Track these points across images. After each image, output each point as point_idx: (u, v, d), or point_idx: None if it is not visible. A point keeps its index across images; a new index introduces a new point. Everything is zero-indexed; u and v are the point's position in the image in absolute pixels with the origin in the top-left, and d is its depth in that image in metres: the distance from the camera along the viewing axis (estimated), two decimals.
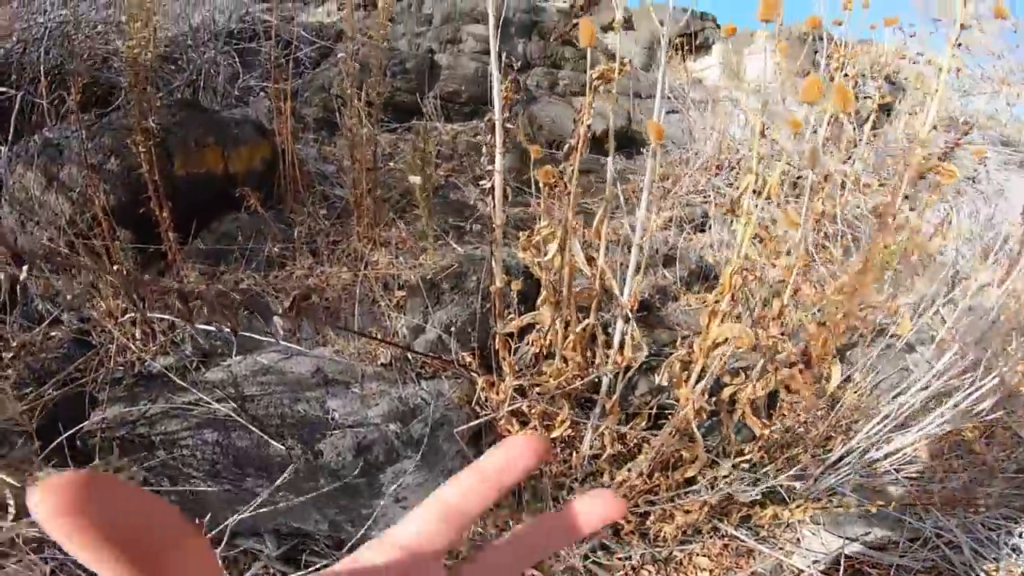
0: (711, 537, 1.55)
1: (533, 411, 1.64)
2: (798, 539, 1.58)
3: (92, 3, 3.06)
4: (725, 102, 2.87)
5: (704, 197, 2.17)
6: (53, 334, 1.73)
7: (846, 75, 2.96)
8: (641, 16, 4.07)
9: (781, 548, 1.55)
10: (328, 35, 4.16)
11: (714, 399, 1.51)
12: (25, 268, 1.28)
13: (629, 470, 1.62)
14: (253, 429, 1.39)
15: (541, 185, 1.34)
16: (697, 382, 1.47)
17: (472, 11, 3.87)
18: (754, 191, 1.26)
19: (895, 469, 1.59)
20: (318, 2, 5.91)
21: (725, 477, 1.58)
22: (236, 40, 3.52)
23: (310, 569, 1.31)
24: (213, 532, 1.18)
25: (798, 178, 2.25)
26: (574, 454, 1.67)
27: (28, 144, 2.18)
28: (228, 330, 1.34)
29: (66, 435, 1.28)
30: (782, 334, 1.49)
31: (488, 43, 1.26)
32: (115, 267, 1.84)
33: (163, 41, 2.91)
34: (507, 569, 0.30)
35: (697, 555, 1.55)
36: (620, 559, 1.49)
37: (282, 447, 1.38)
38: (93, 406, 1.44)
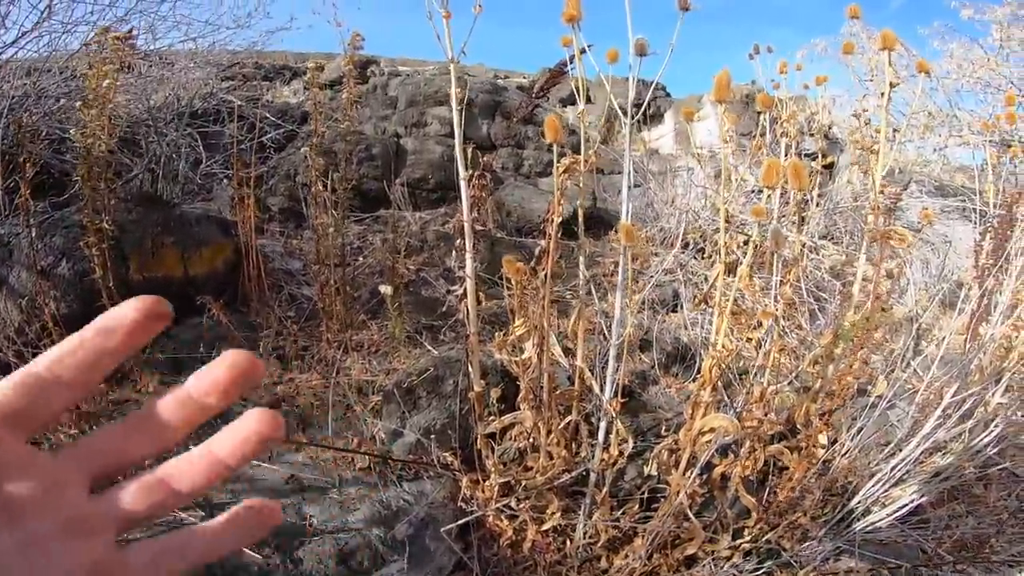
0: None
1: (521, 505, 1.58)
2: None
3: (54, 76, 3.01)
4: (681, 172, 3.00)
5: (673, 276, 2.21)
6: None
7: (786, 133, 3.15)
8: (596, 88, 4.29)
9: None
10: (294, 116, 4.21)
11: (705, 476, 1.49)
12: None
13: (627, 555, 1.56)
14: None
15: (512, 281, 1.33)
16: (687, 469, 1.44)
17: (436, 93, 4.01)
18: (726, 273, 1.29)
19: (900, 521, 1.58)
20: (284, 81, 6.05)
21: (728, 558, 1.54)
22: (199, 121, 3.50)
23: None
24: None
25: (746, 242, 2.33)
26: (568, 542, 1.60)
27: None
28: None
29: None
30: (765, 414, 1.49)
31: (454, 125, 1.29)
32: None
33: (122, 123, 2.84)
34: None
35: None
36: None
37: (258, 555, 1.31)
38: None
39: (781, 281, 1.33)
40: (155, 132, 3.09)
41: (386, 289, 1.54)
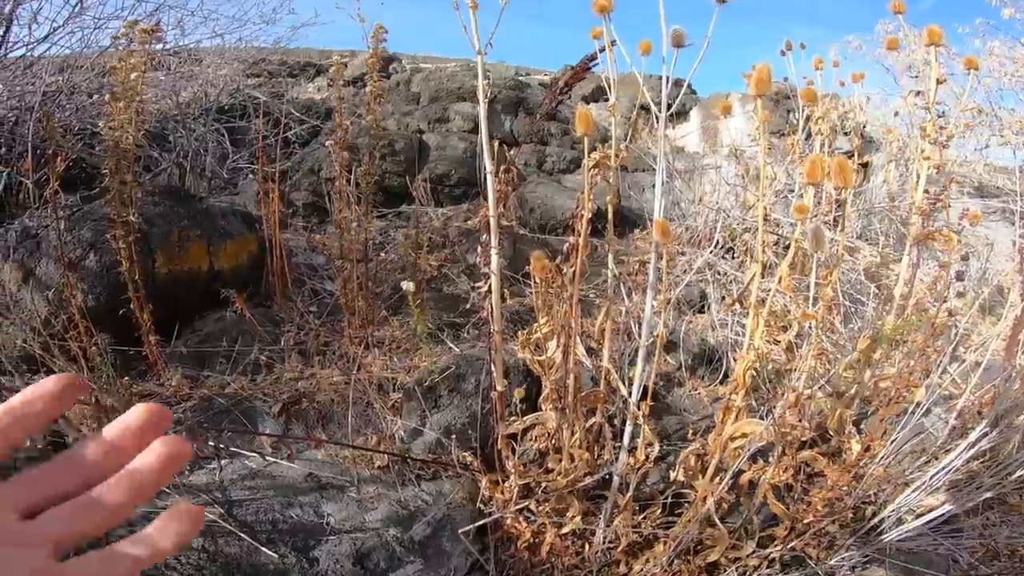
0: None
1: (541, 508, 1.55)
2: None
3: (87, 72, 3.07)
4: (708, 170, 2.92)
5: (700, 276, 2.15)
6: None
7: (820, 131, 3.05)
8: (620, 85, 4.22)
9: None
10: (318, 112, 4.24)
11: (733, 482, 1.43)
12: None
13: (647, 560, 1.52)
14: (242, 535, 1.30)
15: (537, 279, 1.30)
16: (715, 475, 1.39)
17: (459, 89, 3.99)
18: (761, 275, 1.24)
19: (931, 530, 1.52)
20: (309, 77, 6.10)
21: (756, 567, 1.48)
22: (226, 117, 3.54)
23: None
24: None
25: (786, 246, 2.25)
26: (587, 546, 1.56)
27: (7, 233, 2.13)
28: (210, 452, 1.26)
29: None
30: (799, 419, 1.43)
31: (477, 121, 1.26)
32: (91, 371, 1.75)
33: (151, 118, 2.89)
34: None
35: None
36: None
37: (274, 554, 1.30)
38: None
39: (819, 283, 1.27)
40: (183, 127, 3.13)
41: (408, 285, 1.52)
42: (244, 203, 2.86)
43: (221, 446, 1.26)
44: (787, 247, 1.23)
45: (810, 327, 1.20)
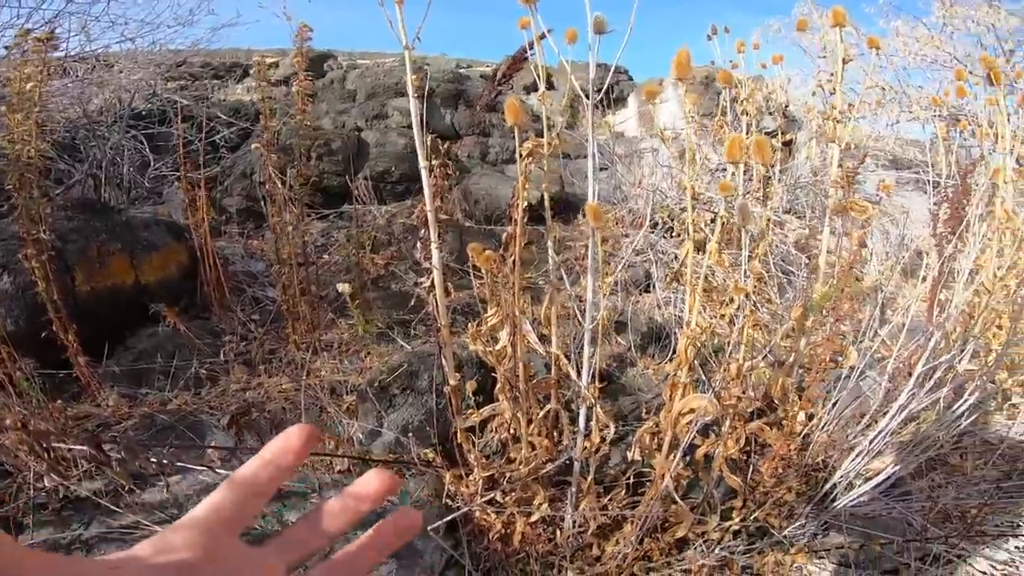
0: None
1: (508, 498, 1.56)
2: None
3: None
4: (646, 153, 3.00)
5: (644, 256, 2.21)
6: None
7: (746, 112, 3.19)
8: (559, 74, 4.26)
9: None
10: (247, 114, 4.05)
11: (689, 458, 1.48)
12: None
13: (618, 541, 1.55)
14: None
15: (482, 269, 1.30)
16: (670, 452, 1.44)
17: (397, 84, 3.91)
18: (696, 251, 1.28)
19: (882, 494, 1.60)
20: (236, 78, 5.82)
21: (719, 540, 1.54)
22: (144, 123, 3.33)
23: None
24: None
25: (713, 219, 2.32)
26: (558, 532, 1.58)
27: None
28: (154, 469, 1.19)
29: None
30: (743, 391, 1.49)
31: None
32: (20, 397, 1.63)
33: (57, 128, 2.68)
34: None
35: None
36: None
37: None
38: (19, 531, 1.34)
39: (750, 256, 1.33)
40: (95, 136, 2.91)
41: (345, 288, 1.48)
42: (171, 212, 2.70)
43: (164, 462, 1.20)
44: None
45: (744, 299, 1.25)
